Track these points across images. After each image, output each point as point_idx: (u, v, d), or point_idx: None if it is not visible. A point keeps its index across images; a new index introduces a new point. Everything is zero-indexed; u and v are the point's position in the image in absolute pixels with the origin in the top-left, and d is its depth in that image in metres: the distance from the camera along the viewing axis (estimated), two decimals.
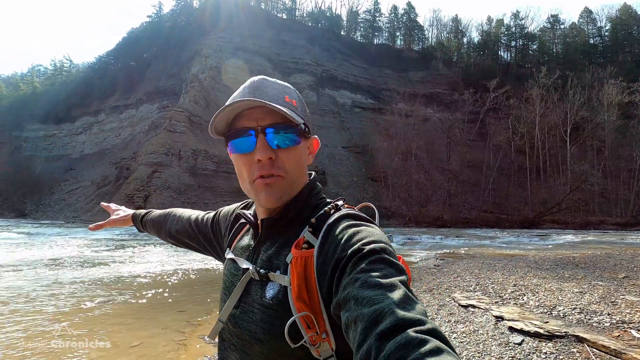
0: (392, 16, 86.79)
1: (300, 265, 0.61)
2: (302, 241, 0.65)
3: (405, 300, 0.47)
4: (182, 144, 46.06)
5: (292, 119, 0.66)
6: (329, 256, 0.60)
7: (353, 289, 0.51)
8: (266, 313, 0.66)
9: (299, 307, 0.59)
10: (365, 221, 0.66)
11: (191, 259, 11.33)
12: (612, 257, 9.60)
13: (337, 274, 0.57)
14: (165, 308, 5.61)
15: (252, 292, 0.70)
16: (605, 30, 79.03)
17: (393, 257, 0.57)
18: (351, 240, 0.59)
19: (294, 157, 0.70)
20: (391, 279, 0.51)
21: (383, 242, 0.59)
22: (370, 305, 0.46)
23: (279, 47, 66.23)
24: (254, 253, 0.75)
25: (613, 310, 4.17)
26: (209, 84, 55.52)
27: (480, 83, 57.22)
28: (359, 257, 0.55)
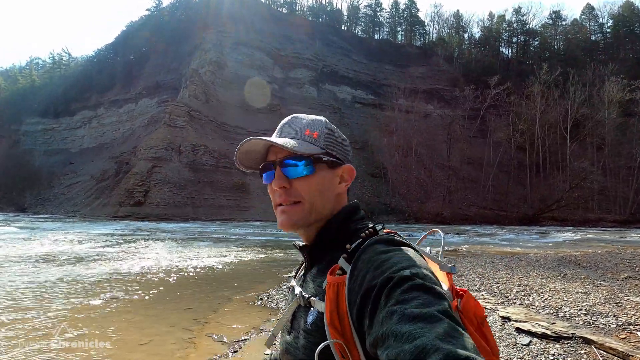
0: (393, 11, 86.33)
1: (333, 291, 0.61)
2: (337, 268, 0.65)
3: (449, 333, 0.43)
4: (181, 139, 45.96)
5: (296, 151, 0.72)
6: (357, 283, 0.59)
7: (391, 325, 0.47)
8: (307, 339, 0.67)
9: (332, 333, 0.59)
10: (399, 245, 0.65)
11: (193, 256, 11.36)
12: (613, 256, 9.66)
13: (370, 306, 0.54)
14: (171, 305, 5.63)
15: (299, 317, 0.73)
16: (607, 27, 78.73)
17: (429, 281, 0.53)
18: (381, 267, 0.57)
19: (312, 185, 0.74)
20: (430, 308, 0.47)
21: (416, 266, 0.56)
22: (411, 341, 0.43)
23: (279, 41, 65.85)
24: (303, 280, 0.78)
25: (618, 311, 4.20)
26: (209, 79, 55.25)
27: (481, 79, 57.07)
28: (391, 286, 0.53)
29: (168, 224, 29.92)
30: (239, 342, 4.07)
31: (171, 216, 37.98)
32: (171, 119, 47.00)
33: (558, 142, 51.78)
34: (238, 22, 62.62)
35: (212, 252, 12.30)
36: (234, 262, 10.36)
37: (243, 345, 3.99)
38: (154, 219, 36.17)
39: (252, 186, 47.05)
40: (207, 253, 12.07)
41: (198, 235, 20.42)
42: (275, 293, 6.57)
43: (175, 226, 27.67)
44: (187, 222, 33.78)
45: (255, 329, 4.54)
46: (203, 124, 49.75)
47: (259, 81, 58.36)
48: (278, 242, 17.32)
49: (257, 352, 3.83)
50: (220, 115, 52.50)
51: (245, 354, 3.78)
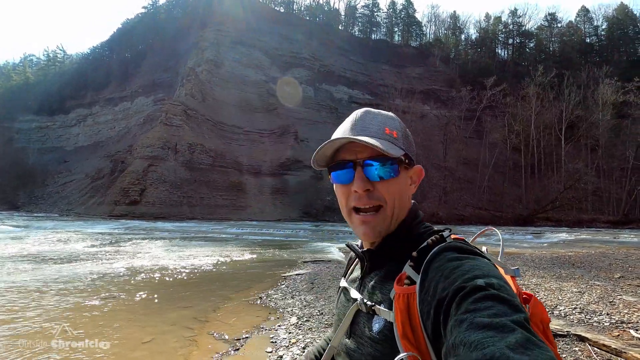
0: (390, 12, 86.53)
1: (403, 302, 0.59)
2: (404, 276, 0.63)
3: (522, 344, 0.40)
4: (178, 138, 45.80)
5: (387, 153, 0.67)
6: (429, 295, 0.56)
7: (459, 334, 0.45)
8: (374, 347, 0.66)
9: (405, 346, 0.57)
10: (470, 253, 0.62)
11: (190, 255, 11.37)
12: (607, 257, 9.81)
13: (442, 316, 0.52)
14: (171, 304, 5.66)
15: (360, 323, 0.71)
16: (601, 30, 79.54)
17: (505, 292, 0.50)
18: (452, 276, 0.54)
19: (393, 189, 0.71)
20: (503, 318, 0.44)
21: (490, 275, 0.53)
22: (480, 350, 0.41)
23: (277, 41, 65.78)
24: (361, 284, 0.75)
25: (612, 310, 4.30)
26: (205, 77, 55.06)
27: (478, 80, 57.46)
28: (462, 295, 0.50)
29: (164, 223, 29.82)
30: (240, 340, 4.12)
31: (167, 215, 37.85)
32: (167, 117, 46.80)
33: (553, 143, 52.27)
34: (236, 21, 62.48)
35: (210, 252, 12.31)
36: (232, 261, 10.38)
37: (244, 343, 4.04)
38: (149, 218, 36.02)
39: (248, 186, 46.98)
40: (204, 252, 12.09)
41: (194, 234, 20.39)
42: (274, 292, 6.61)
43: (171, 225, 27.59)
44: (183, 222, 33.68)
45: (256, 327, 4.59)
46: (199, 123, 49.59)
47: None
48: (274, 242, 17.36)
49: (258, 350, 3.88)
50: (217, 114, 52.35)
51: (246, 352, 3.83)
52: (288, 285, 7.19)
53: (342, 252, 12.75)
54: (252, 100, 57.18)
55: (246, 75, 58.88)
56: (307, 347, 3.86)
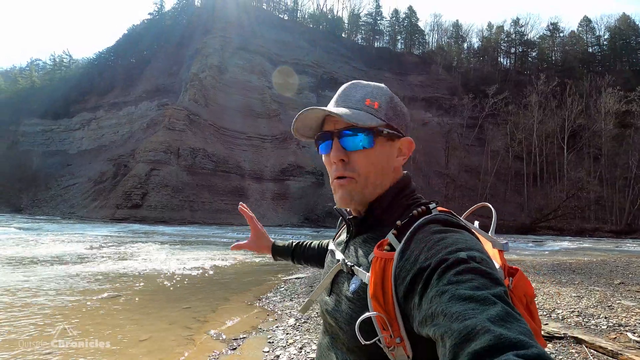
0: (393, 20, 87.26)
1: (379, 266, 0.61)
2: (385, 242, 0.64)
3: (502, 317, 0.41)
4: (180, 142, 46.04)
5: (356, 123, 0.68)
6: (409, 262, 0.57)
7: (440, 304, 0.46)
8: (348, 305, 0.68)
9: (374, 306, 0.59)
10: (455, 226, 0.62)
11: (190, 258, 11.39)
12: (608, 264, 9.77)
13: (421, 286, 0.53)
14: (170, 304, 5.68)
15: (340, 282, 0.74)
16: (604, 39, 79.82)
17: (486, 265, 0.51)
18: (435, 248, 0.55)
19: (368, 159, 0.71)
20: (484, 291, 0.45)
21: (473, 248, 0.53)
22: (461, 321, 0.42)
23: (280, 47, 66.36)
24: (346, 247, 0.78)
25: (610, 314, 4.29)
26: (209, 83, 55.50)
27: (480, 89, 57.65)
28: (445, 267, 0.51)
29: (165, 227, 29.87)
30: (237, 340, 4.13)
31: (168, 219, 37.90)
32: (170, 122, 47.11)
33: (555, 152, 52.24)
34: (240, 27, 63.15)
35: (210, 255, 12.33)
36: (232, 264, 10.40)
37: (242, 343, 4.05)
38: (151, 221, 36.09)
39: (250, 191, 47.04)
40: (205, 255, 12.10)
41: (195, 238, 20.42)
42: (273, 294, 6.63)
43: (172, 229, 27.63)
44: (184, 226, 33.72)
45: (254, 328, 4.60)
46: (202, 128, 49.88)
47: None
48: None
49: (255, 350, 3.89)
50: (220, 119, 52.67)
51: (243, 352, 3.84)
52: (287, 289, 7.20)
53: None
54: (254, 106, 57.54)
55: (249, 81, 59.33)
56: (304, 347, 3.87)
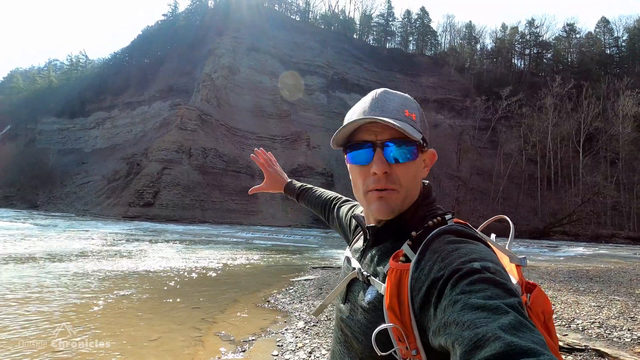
0: (405, 21, 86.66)
1: (395, 277, 0.61)
2: (400, 254, 0.64)
3: (515, 326, 0.41)
4: (192, 142, 46.51)
5: (409, 135, 0.66)
6: (424, 274, 0.57)
7: (453, 313, 0.46)
8: (364, 315, 0.68)
9: (390, 317, 0.59)
10: (469, 237, 0.62)
11: (200, 257, 11.43)
12: (627, 272, 9.45)
13: (435, 296, 0.53)
14: (179, 304, 5.68)
15: (355, 291, 0.73)
16: (622, 41, 77.80)
17: (500, 276, 0.51)
18: (449, 258, 0.55)
19: (410, 172, 0.71)
20: (497, 300, 0.45)
21: (486, 259, 0.53)
22: (472, 329, 0.42)
23: (291, 48, 66.55)
24: (362, 256, 0.77)
25: (633, 325, 4.11)
26: (221, 83, 55.98)
27: (493, 90, 56.77)
28: (458, 277, 0.51)
29: (176, 226, 30.17)
30: (246, 343, 4.08)
31: (179, 218, 38.29)
32: (183, 122, 47.64)
33: (570, 155, 51.07)
34: (252, 28, 63.56)
35: (220, 255, 12.36)
36: (241, 264, 10.39)
37: (251, 346, 4.00)
38: (162, 220, 36.51)
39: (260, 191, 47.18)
40: (214, 255, 12.14)
41: (206, 237, 20.54)
42: (282, 296, 6.57)
43: (183, 228, 27.88)
44: (194, 225, 34.01)
45: (263, 330, 4.55)
46: (214, 128, 50.31)
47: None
48: (284, 247, 17.33)
49: (264, 353, 3.84)
50: (231, 119, 53.07)
51: (252, 354, 3.79)
52: (296, 290, 7.14)
53: None
54: (265, 106, 57.81)
55: (260, 82, 59.64)
56: (314, 352, 3.81)
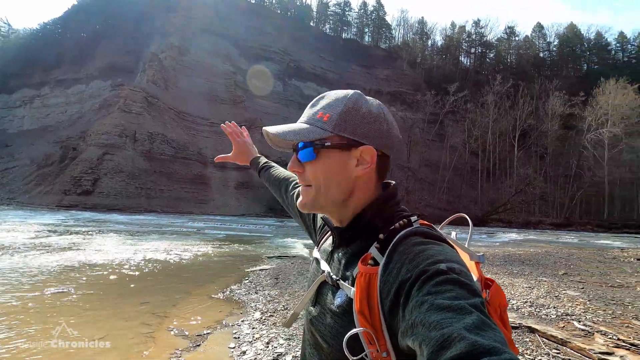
0: (361, 12, 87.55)
1: (365, 281, 0.61)
2: (368, 257, 0.64)
3: (478, 325, 0.43)
4: (137, 126, 43.47)
5: (293, 139, 0.72)
6: (392, 276, 0.58)
7: (420, 314, 0.48)
8: (333, 319, 0.68)
9: (361, 321, 0.59)
10: (435, 239, 0.63)
11: (148, 249, 10.85)
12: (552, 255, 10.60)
13: (402, 298, 0.54)
14: (126, 299, 5.36)
15: (324, 294, 0.74)
16: (553, 46, 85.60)
17: (464, 277, 0.53)
18: (415, 260, 0.56)
19: (317, 170, 0.73)
20: (461, 301, 0.47)
21: (452, 261, 0.55)
22: (438, 329, 0.43)
23: (246, 32, 64.31)
24: (330, 258, 0.77)
25: (557, 303, 4.64)
26: (169, 64, 52.66)
27: (442, 86, 59.73)
28: (424, 278, 0.52)
29: (119, 216, 28.26)
30: (201, 336, 3.97)
31: (122, 207, 35.87)
32: (126, 104, 44.26)
33: (507, 149, 55.71)
34: (204, 7, 60.27)
35: (169, 246, 11.82)
36: (193, 255, 10.04)
37: (206, 339, 3.90)
38: (103, 209, 33.99)
39: (212, 179, 45.66)
40: (163, 246, 11.58)
41: (153, 227, 19.51)
42: (237, 287, 6.47)
43: (127, 218, 26.20)
44: (140, 214, 32.11)
45: (218, 323, 4.46)
46: (161, 112, 47.40)
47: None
48: (238, 237, 17.02)
49: (220, 346, 3.76)
50: (181, 103, 50.32)
51: (208, 348, 3.70)
52: (252, 281, 7.07)
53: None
54: (218, 91, 55.53)
55: (213, 65, 57.03)
56: (272, 342, 3.81)
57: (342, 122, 0.73)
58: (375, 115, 0.74)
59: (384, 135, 0.74)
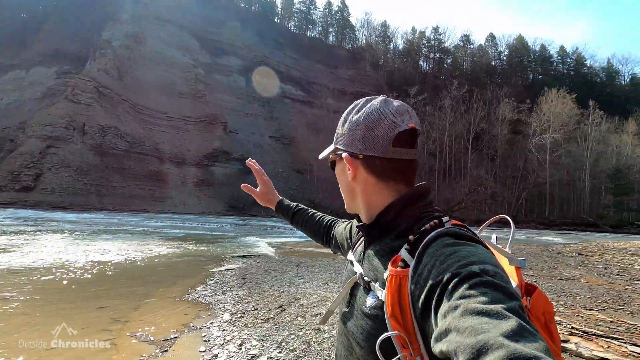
0: (326, 11, 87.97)
1: (395, 283, 0.60)
2: (398, 259, 0.63)
3: (517, 332, 0.40)
4: (87, 118, 40.49)
5: (323, 157, 0.86)
6: (422, 279, 0.56)
7: (453, 319, 0.45)
8: (365, 321, 0.68)
9: (393, 325, 0.58)
10: (468, 239, 0.61)
11: (100, 249, 10.14)
12: None
13: (434, 302, 0.52)
14: (80, 304, 4.94)
15: (357, 295, 0.74)
16: (504, 55, 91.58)
17: (500, 279, 0.49)
18: (446, 262, 0.54)
19: (339, 180, 0.83)
20: (498, 305, 0.44)
21: (486, 262, 0.52)
22: (474, 336, 0.41)
23: (208, 24, 62.20)
24: (363, 258, 0.77)
25: None
26: (124, 54, 49.57)
27: (403, 88, 61.72)
28: (457, 281, 0.50)
29: (66, 214, 26.18)
30: (168, 341, 3.75)
31: (69, 205, 33.26)
32: (74, 93, 41.05)
33: (462, 151, 58.87)
34: None
35: (125, 246, 11.12)
36: (152, 256, 9.52)
37: (173, 344, 3.69)
38: (46, 207, 31.29)
39: (170, 176, 43.69)
40: (118, 247, 10.87)
41: (105, 227, 18.28)
42: (202, 288, 6.22)
43: (75, 216, 24.32)
44: (90, 212, 29.96)
45: (185, 326, 4.24)
46: (114, 104, 44.51)
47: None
48: (199, 236, 16.43)
49: (189, 350, 3.58)
50: (136, 95, 47.55)
51: (176, 352, 3.50)
52: (217, 281, 6.83)
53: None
54: (178, 84, 53.16)
55: (173, 57, 54.50)
56: (244, 344, 3.69)
57: (343, 135, 0.77)
58: (356, 121, 0.74)
59: (359, 138, 0.73)
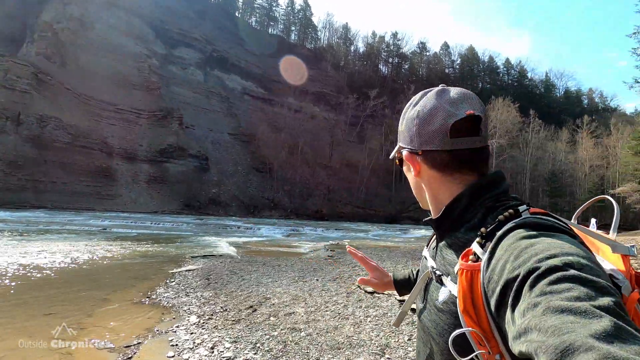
0: (288, 9, 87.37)
1: (466, 278, 0.57)
2: (470, 252, 0.60)
3: (611, 333, 0.34)
4: (23, 106, 36.68)
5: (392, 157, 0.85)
6: (496, 274, 0.52)
7: (533, 317, 0.41)
8: (438, 315, 0.67)
9: (466, 321, 0.56)
10: (548, 229, 0.55)
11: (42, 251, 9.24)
12: None
13: (511, 299, 0.47)
14: (24, 311, 4.44)
15: (430, 290, 0.73)
16: (456, 64, 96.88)
17: (588, 272, 0.44)
18: (522, 256, 0.49)
19: (408, 179, 0.83)
20: (585, 302, 0.39)
21: (570, 254, 0.47)
22: (557, 335, 0.36)
23: (163, 13, 59.11)
24: (435, 253, 0.76)
25: None
26: (67, 38, 45.57)
27: (363, 90, 63.07)
28: (536, 276, 0.45)
29: None
30: (131, 347, 3.49)
31: (1, 202, 29.95)
32: (8, 79, 36.99)
33: None
34: None
35: (70, 247, 10.24)
36: (102, 257, 8.85)
37: (137, 350, 3.44)
38: None
39: (119, 172, 40.90)
40: (62, 248, 9.97)
41: (45, 226, 16.70)
42: (163, 290, 5.89)
43: (7, 215, 21.93)
44: (26, 210, 27.22)
45: (149, 331, 3.97)
46: (56, 92, 40.76)
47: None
48: (154, 236, 15.58)
49: (157, 355, 3.36)
50: (81, 84, 43.90)
51: (142, 359, 3.26)
52: (179, 283, 6.51)
53: None
54: (129, 74, 49.85)
55: (124, 45, 51.02)
56: (216, 346, 3.52)
57: (398, 134, 0.81)
58: (411, 117, 0.73)
59: (415, 134, 0.72)
